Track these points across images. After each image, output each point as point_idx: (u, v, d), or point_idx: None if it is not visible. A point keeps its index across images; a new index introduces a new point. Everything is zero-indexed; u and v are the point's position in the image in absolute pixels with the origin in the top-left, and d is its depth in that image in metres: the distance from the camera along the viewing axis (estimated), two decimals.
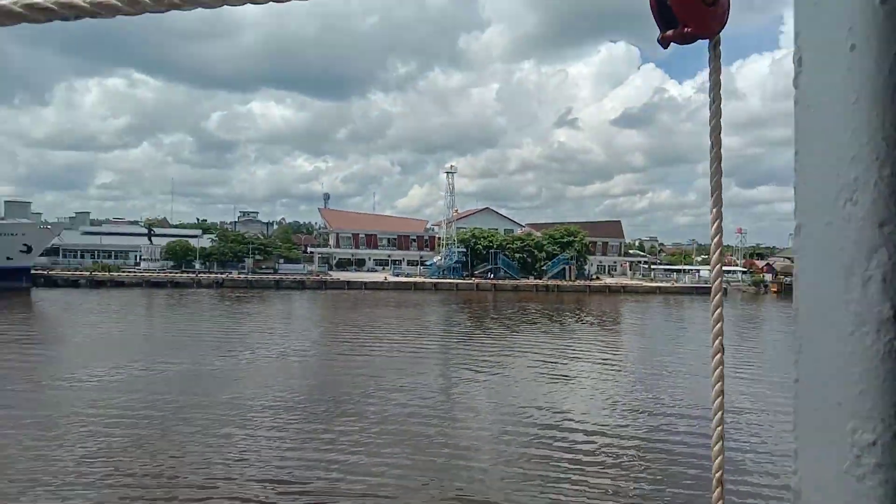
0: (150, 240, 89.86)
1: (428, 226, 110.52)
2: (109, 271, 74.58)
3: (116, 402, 22.57)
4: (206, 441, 18.54)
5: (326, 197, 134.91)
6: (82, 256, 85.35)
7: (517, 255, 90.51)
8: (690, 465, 17.22)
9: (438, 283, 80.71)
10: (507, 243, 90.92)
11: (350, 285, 76.47)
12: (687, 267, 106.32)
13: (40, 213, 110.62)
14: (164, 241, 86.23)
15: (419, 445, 18.44)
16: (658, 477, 16.30)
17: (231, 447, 18.03)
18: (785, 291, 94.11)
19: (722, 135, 0.92)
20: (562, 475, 16.18)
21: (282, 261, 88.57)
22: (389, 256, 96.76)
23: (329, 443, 18.69)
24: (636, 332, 49.96)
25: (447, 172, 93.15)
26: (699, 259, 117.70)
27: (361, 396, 24.04)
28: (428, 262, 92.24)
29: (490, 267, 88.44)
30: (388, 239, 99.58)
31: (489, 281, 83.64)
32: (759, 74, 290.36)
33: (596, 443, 19.04)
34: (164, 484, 15.32)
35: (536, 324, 49.39)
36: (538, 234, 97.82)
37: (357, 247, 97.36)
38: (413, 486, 15.36)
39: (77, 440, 18.24)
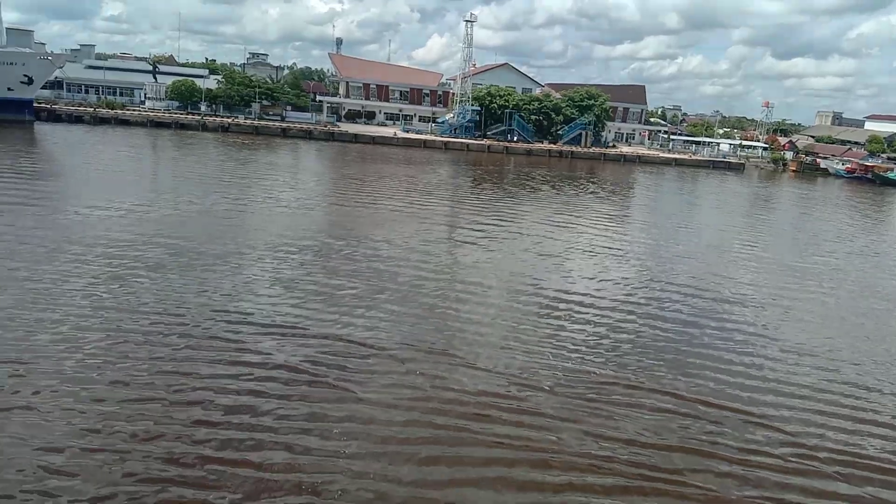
0: (154, 77, 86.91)
1: (443, 80, 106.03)
2: (114, 108, 72.99)
3: (121, 235, 23.03)
4: (202, 277, 18.92)
5: (339, 42, 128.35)
6: (86, 92, 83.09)
7: (533, 118, 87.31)
8: (674, 331, 17.22)
9: (449, 142, 78.80)
10: (524, 104, 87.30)
11: (358, 138, 74.81)
12: (707, 139, 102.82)
13: (44, 44, 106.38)
14: (169, 80, 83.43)
15: (411, 298, 18.55)
16: (639, 341, 16.34)
17: (229, 286, 18.31)
18: (804, 171, 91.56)
19: None
20: (548, 335, 16.28)
21: (289, 108, 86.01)
22: (401, 111, 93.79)
23: (323, 290, 18.94)
24: (642, 204, 49.20)
25: (467, 21, 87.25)
26: (720, 132, 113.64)
27: (359, 249, 24.08)
28: (440, 120, 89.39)
29: (504, 128, 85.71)
30: (401, 92, 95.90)
31: (502, 143, 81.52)
32: None
33: (582, 306, 19.02)
34: (159, 312, 15.78)
35: (542, 191, 48.60)
36: (557, 95, 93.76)
37: (368, 98, 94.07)
38: (403, 337, 15.55)
39: (84, 269, 18.70)
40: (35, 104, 66.62)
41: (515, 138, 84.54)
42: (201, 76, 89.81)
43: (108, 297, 16.79)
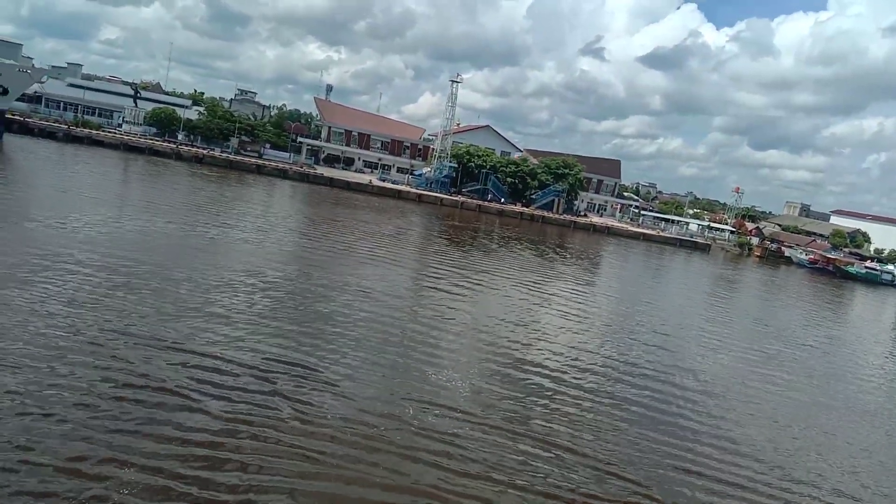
0: (135, 102, 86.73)
1: (426, 135, 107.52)
2: (88, 128, 72.22)
3: (80, 252, 22.08)
4: (161, 306, 18.13)
5: (329, 88, 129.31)
6: (65, 109, 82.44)
7: (509, 180, 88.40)
8: (601, 400, 16.61)
9: (423, 194, 79.12)
10: (501, 165, 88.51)
11: (333, 183, 74.78)
12: (676, 218, 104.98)
13: (31, 58, 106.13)
14: (150, 106, 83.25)
15: (370, 344, 17.74)
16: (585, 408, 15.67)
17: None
18: (769, 258, 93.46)
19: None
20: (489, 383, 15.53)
21: (268, 146, 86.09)
22: (380, 160, 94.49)
23: (286, 331, 18.13)
24: (606, 274, 49.28)
25: (452, 81, 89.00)
26: (691, 213, 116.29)
27: (324, 291, 23.29)
28: (416, 172, 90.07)
29: (479, 187, 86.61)
30: (382, 142, 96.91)
31: (475, 201, 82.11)
32: (799, 34, 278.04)
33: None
34: (117, 341, 14.71)
35: (505, 249, 48.47)
36: (535, 161, 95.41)
37: (348, 144, 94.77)
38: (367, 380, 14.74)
39: (42, 286, 17.63)
40: (7, 115, 65.65)
41: (490, 198, 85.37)
42: (183, 106, 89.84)
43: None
